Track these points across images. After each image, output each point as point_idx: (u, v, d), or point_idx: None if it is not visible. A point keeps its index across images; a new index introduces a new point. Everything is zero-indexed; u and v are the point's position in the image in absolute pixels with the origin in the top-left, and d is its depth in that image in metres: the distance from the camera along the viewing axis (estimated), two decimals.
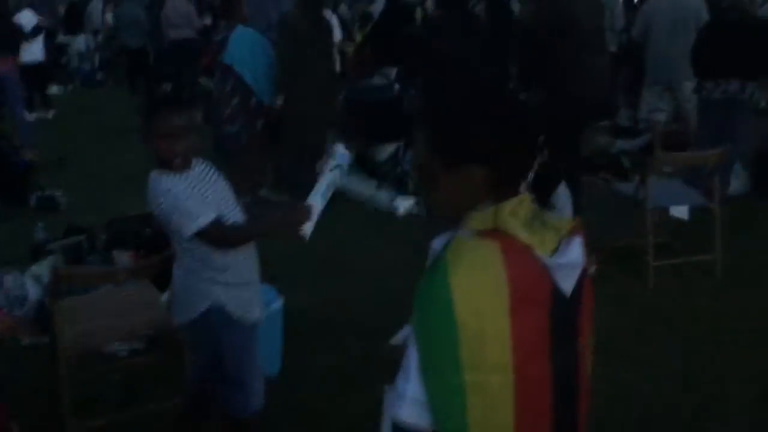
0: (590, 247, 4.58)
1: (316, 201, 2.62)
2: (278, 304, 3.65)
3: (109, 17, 14.88)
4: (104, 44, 15.10)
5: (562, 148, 2.98)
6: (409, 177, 6.42)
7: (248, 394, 2.74)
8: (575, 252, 1.41)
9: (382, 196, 6.30)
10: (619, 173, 6.74)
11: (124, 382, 3.70)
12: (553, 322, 1.38)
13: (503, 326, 1.31)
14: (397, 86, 7.28)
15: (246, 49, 5.99)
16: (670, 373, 3.73)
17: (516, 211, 1.37)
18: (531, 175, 2.87)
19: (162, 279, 3.33)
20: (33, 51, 10.19)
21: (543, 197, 2.93)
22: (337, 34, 8.92)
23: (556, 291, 1.38)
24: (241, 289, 2.64)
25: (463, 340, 1.28)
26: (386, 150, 6.75)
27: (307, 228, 2.58)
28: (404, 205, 6.06)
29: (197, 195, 2.51)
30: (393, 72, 7.61)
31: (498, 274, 1.31)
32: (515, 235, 1.35)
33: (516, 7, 7.74)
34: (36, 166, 7.15)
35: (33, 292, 4.29)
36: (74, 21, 15.01)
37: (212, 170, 2.70)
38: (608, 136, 7.54)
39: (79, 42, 14.54)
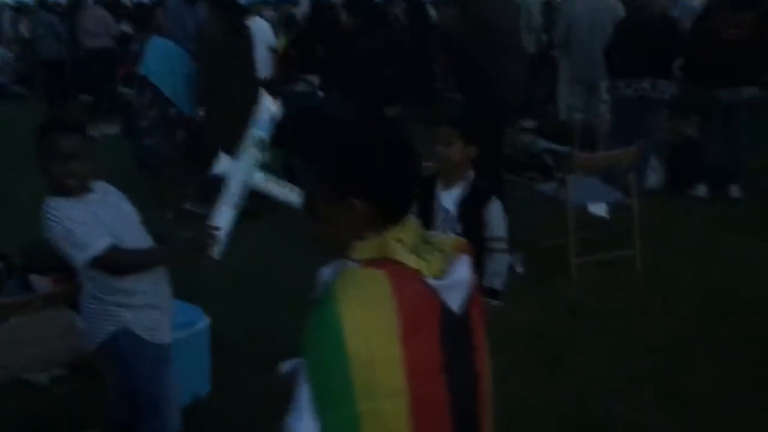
0: (515, 248, 4.63)
1: (223, 219, 2.60)
2: (204, 323, 3.60)
3: (23, 28, 14.45)
4: (20, 56, 14.64)
5: (484, 151, 3.01)
6: None
7: (163, 418, 2.72)
8: (462, 270, 1.45)
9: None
10: (543, 171, 6.87)
11: (47, 412, 3.59)
12: (445, 342, 1.41)
13: (395, 353, 1.33)
14: (321, 93, 7.25)
15: (162, 60, 5.88)
16: (593, 371, 3.81)
17: (401, 238, 1.39)
18: (466, 193, 2.91)
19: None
20: None
21: (476, 214, 2.97)
22: (271, 39, 8.86)
23: (445, 311, 1.41)
24: (148, 311, 2.62)
25: (354, 370, 1.30)
26: None
27: (215, 250, 2.57)
28: None
29: (93, 221, 2.46)
30: (317, 79, 7.58)
31: (387, 303, 1.33)
32: (402, 262, 1.37)
33: (433, 12, 7.82)
34: None
35: None
36: None
37: (113, 193, 2.67)
38: (531, 134, 7.68)
39: None
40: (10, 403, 3.53)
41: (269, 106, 2.73)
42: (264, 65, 8.64)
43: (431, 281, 1.39)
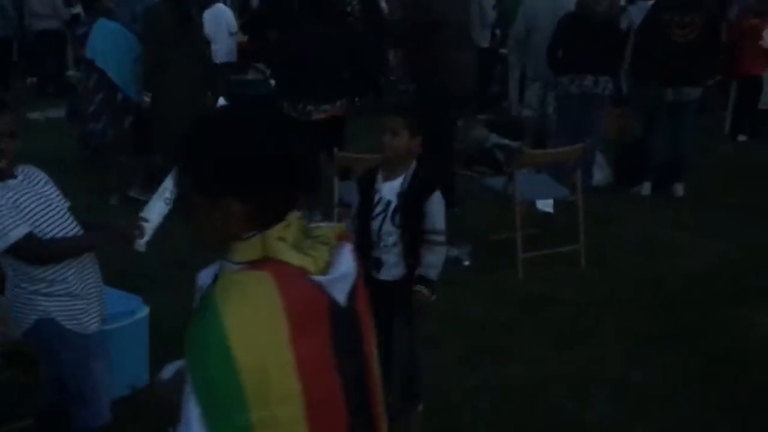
0: (464, 241, 4.64)
1: (154, 212, 2.58)
2: (143, 313, 3.54)
3: None
4: None
5: (432, 143, 3.00)
6: None
7: (91, 409, 2.67)
8: (346, 261, 1.39)
9: None
10: (494, 166, 6.90)
11: None
12: (336, 338, 1.36)
13: (285, 357, 1.27)
14: (272, 82, 7.17)
15: (109, 43, 5.72)
16: (539, 363, 3.85)
17: (283, 236, 1.32)
18: (407, 184, 2.89)
19: None
20: None
21: (416, 206, 2.96)
22: (233, 26, 8.76)
23: (333, 305, 1.36)
24: (72, 300, 2.57)
25: (244, 379, 1.23)
26: None
27: (141, 242, 2.56)
28: None
29: (12, 207, 2.41)
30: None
31: (272, 305, 1.27)
32: (286, 261, 1.31)
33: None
34: None
35: None
36: None
37: (38, 177, 2.60)
38: (484, 129, 7.70)
39: None
40: None
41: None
42: (227, 52, 8.56)
43: (317, 278, 1.33)
